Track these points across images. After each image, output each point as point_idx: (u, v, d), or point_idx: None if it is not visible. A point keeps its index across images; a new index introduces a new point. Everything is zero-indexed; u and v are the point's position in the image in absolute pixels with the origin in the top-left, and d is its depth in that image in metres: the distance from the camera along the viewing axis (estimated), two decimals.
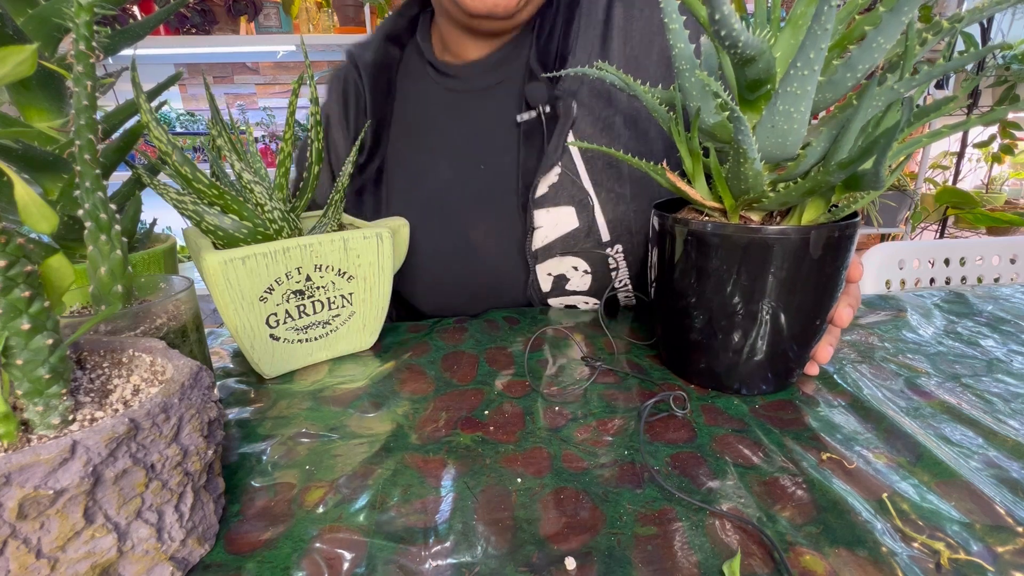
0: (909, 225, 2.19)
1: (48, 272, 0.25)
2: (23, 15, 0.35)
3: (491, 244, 0.58)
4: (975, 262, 0.97)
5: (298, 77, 0.46)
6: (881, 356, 0.47)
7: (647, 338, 0.51)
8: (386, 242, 0.45)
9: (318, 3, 1.98)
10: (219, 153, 0.44)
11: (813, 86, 0.29)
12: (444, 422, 0.38)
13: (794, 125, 0.31)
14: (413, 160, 0.60)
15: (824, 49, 0.28)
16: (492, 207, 0.58)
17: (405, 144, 0.60)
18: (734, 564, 0.25)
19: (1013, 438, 0.35)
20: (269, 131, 2.18)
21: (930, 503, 0.29)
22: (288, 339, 0.45)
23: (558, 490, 0.31)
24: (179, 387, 0.26)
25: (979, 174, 2.42)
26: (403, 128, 0.61)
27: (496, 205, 0.58)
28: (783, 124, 0.31)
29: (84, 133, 0.29)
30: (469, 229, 0.59)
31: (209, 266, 0.38)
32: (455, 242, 0.59)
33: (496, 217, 0.58)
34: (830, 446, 0.35)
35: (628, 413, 0.39)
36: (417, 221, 0.55)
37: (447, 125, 0.60)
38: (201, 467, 0.27)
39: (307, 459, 0.35)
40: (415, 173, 0.60)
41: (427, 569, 0.26)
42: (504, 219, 0.57)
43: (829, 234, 0.34)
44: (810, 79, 0.29)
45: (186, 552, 0.26)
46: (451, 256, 0.58)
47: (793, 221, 0.37)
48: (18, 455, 0.20)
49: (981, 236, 2.10)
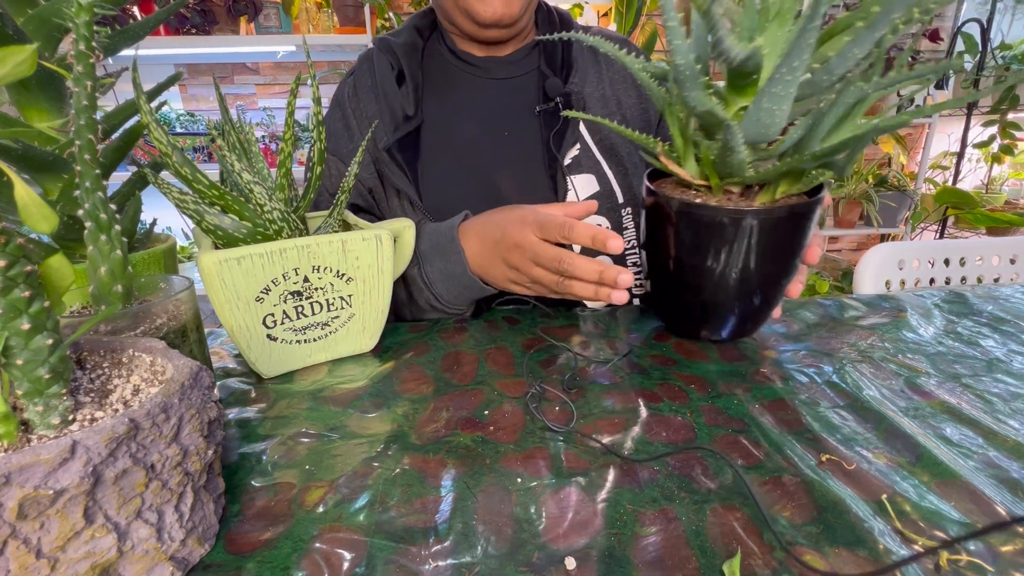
0: (909, 225, 2.19)
1: (48, 272, 0.25)
2: (23, 15, 0.35)
3: (521, 196, 0.64)
4: (975, 262, 0.97)
5: (296, 77, 0.46)
6: (881, 356, 0.47)
7: (647, 338, 0.51)
8: (386, 244, 0.45)
9: (318, 3, 1.98)
10: (224, 153, 0.44)
11: (795, 88, 0.33)
12: (444, 422, 0.38)
13: (776, 119, 0.35)
14: (443, 120, 0.67)
15: (807, 60, 0.31)
16: (518, 167, 0.66)
17: (438, 107, 0.67)
18: (734, 564, 0.25)
19: (1013, 438, 0.35)
20: (269, 131, 2.18)
21: (930, 503, 0.29)
22: (286, 340, 0.45)
23: (558, 490, 0.31)
24: (179, 387, 0.26)
25: (979, 174, 2.42)
26: (433, 95, 0.68)
27: (522, 167, 0.66)
28: (766, 119, 0.35)
29: (84, 133, 0.29)
30: (498, 181, 0.66)
31: (204, 266, 0.38)
32: (486, 192, 0.65)
33: (523, 176, 0.66)
34: (830, 446, 0.35)
35: (628, 413, 0.39)
36: (449, 169, 0.65)
37: (472, 98, 0.68)
38: (201, 467, 0.27)
39: (307, 459, 0.35)
40: (446, 130, 0.66)
41: (427, 569, 0.26)
42: (530, 180, 0.66)
43: (796, 211, 0.40)
44: (792, 83, 0.33)
45: (186, 552, 0.26)
46: (481, 203, 0.62)
47: (768, 194, 0.43)
48: (18, 455, 0.20)
49: (981, 236, 2.11)
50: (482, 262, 0.54)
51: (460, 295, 0.56)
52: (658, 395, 0.41)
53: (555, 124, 0.64)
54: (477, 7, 0.60)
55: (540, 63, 0.67)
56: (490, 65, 0.68)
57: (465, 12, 0.61)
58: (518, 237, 0.50)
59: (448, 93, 0.67)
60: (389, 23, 1.94)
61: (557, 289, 0.50)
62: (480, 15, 0.60)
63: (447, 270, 0.55)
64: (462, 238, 0.55)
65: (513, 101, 0.67)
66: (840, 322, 0.55)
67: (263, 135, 2.15)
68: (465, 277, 0.54)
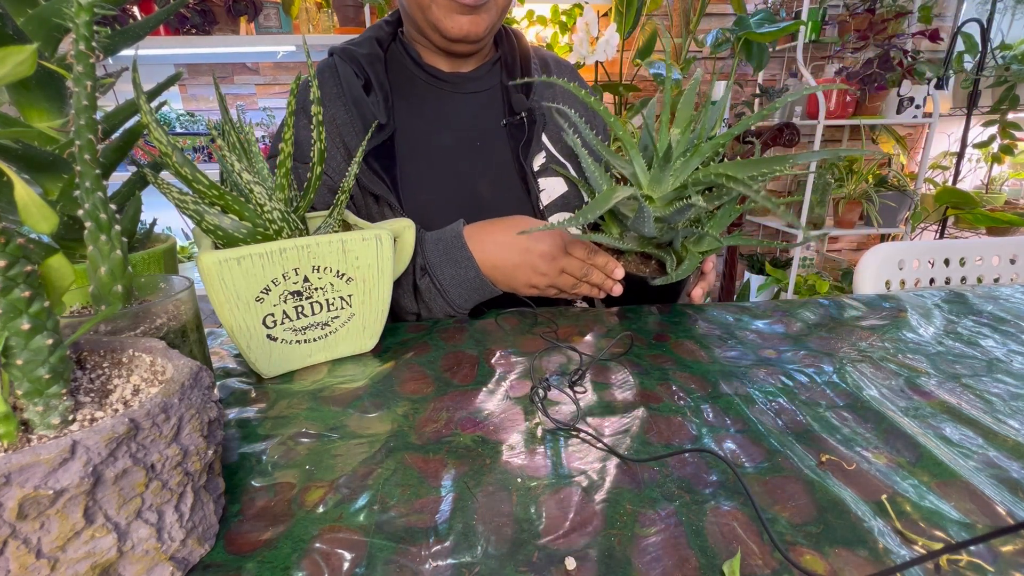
0: (909, 225, 2.18)
1: (48, 272, 0.25)
2: (23, 15, 0.35)
3: (497, 199, 0.70)
4: (975, 262, 0.97)
5: (296, 77, 0.46)
6: (881, 356, 0.47)
7: (647, 338, 0.51)
8: (385, 244, 0.45)
9: (318, 3, 1.98)
10: (223, 152, 0.44)
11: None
12: (444, 422, 0.38)
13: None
14: (418, 129, 0.70)
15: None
16: (492, 174, 0.71)
17: (409, 116, 0.70)
18: (734, 564, 0.25)
19: (1013, 438, 0.35)
20: (269, 131, 2.17)
21: (930, 503, 0.29)
22: (286, 340, 0.45)
23: (558, 490, 0.31)
24: (179, 387, 0.26)
25: (979, 174, 2.42)
26: (402, 105, 0.70)
27: (496, 173, 0.71)
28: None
29: (84, 133, 0.29)
30: (475, 186, 0.70)
31: (204, 266, 0.38)
32: (465, 196, 0.69)
33: (497, 182, 0.71)
34: (830, 446, 0.35)
35: (627, 413, 0.39)
36: (426, 176, 0.68)
37: (442, 109, 0.71)
38: (201, 467, 0.27)
39: (307, 459, 0.35)
40: (421, 139, 0.69)
41: (427, 569, 0.26)
42: (504, 184, 0.71)
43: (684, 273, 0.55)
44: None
45: (186, 552, 0.26)
46: (461, 205, 0.68)
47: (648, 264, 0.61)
48: (18, 455, 0.20)
49: (981, 236, 2.10)
50: (503, 266, 0.59)
51: (471, 298, 0.60)
52: (658, 395, 0.41)
53: (521, 136, 0.71)
54: (445, 23, 0.63)
55: (502, 77, 0.74)
56: (456, 80, 0.72)
57: (434, 27, 0.64)
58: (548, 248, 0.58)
59: (418, 104, 0.71)
60: None
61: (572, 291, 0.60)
62: (448, 31, 0.64)
63: (459, 276, 0.58)
64: (470, 243, 0.59)
65: (481, 114, 0.72)
66: (840, 322, 0.55)
67: (263, 135, 2.15)
68: (477, 280, 0.58)
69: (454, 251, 0.58)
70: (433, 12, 0.63)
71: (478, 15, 0.63)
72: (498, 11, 0.66)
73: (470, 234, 0.59)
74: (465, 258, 0.58)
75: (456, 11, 0.62)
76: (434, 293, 0.59)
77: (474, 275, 0.58)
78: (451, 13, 0.62)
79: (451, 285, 0.58)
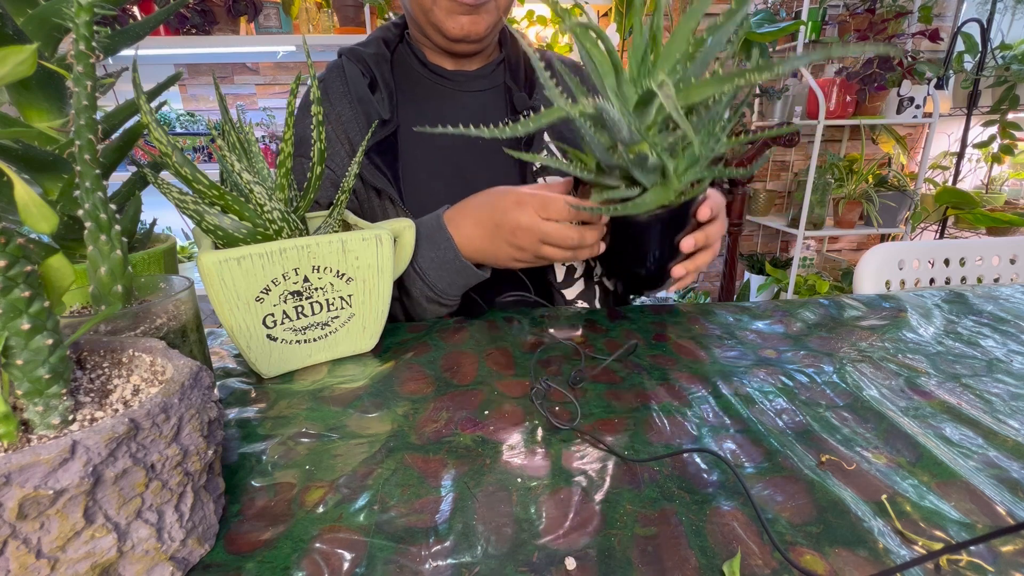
0: (909, 225, 2.19)
1: (48, 272, 0.25)
2: (23, 15, 0.35)
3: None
4: (975, 262, 0.97)
5: (296, 77, 0.46)
6: (881, 356, 0.47)
7: (647, 338, 0.51)
8: (385, 244, 0.45)
9: (318, 3, 1.98)
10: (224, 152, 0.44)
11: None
12: (444, 422, 0.38)
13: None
14: (420, 123, 0.69)
15: None
16: (495, 170, 0.71)
17: (413, 113, 0.71)
18: (734, 564, 0.25)
19: (1013, 438, 0.35)
20: (269, 131, 2.17)
21: (930, 503, 0.29)
22: (286, 340, 0.45)
23: (558, 490, 0.31)
24: (179, 387, 0.26)
25: (979, 174, 2.42)
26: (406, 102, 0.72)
27: (498, 169, 0.71)
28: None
29: (84, 133, 0.29)
30: (478, 182, 0.67)
31: (204, 266, 0.38)
32: (468, 192, 0.67)
33: (500, 178, 0.68)
34: (830, 446, 0.35)
35: (627, 413, 0.39)
36: (429, 171, 0.69)
37: (446, 107, 0.72)
38: (201, 467, 0.27)
39: (307, 459, 0.35)
40: (423, 135, 0.69)
41: (427, 569, 0.26)
42: (507, 180, 0.68)
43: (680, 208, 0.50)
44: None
45: (186, 552, 0.26)
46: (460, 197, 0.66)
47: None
48: (18, 455, 0.20)
49: (981, 236, 2.10)
50: (481, 245, 0.57)
51: (453, 282, 0.58)
52: (658, 395, 0.41)
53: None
54: (447, 23, 0.64)
55: (505, 78, 0.74)
56: (460, 79, 0.73)
57: (436, 27, 0.65)
58: (523, 220, 0.54)
59: (422, 102, 0.72)
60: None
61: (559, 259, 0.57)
62: (449, 31, 0.65)
63: (438, 258, 0.57)
64: (450, 225, 0.58)
65: (483, 112, 0.73)
66: (840, 322, 0.55)
67: (263, 135, 2.15)
68: (457, 262, 0.57)
69: (433, 232, 0.58)
70: (435, 13, 0.64)
71: (479, 15, 0.64)
72: (499, 11, 0.66)
73: (451, 216, 0.59)
74: (444, 239, 0.57)
75: (457, 11, 0.63)
76: (413, 277, 0.58)
77: (452, 256, 0.57)
78: (452, 13, 0.64)
79: (431, 267, 0.57)
